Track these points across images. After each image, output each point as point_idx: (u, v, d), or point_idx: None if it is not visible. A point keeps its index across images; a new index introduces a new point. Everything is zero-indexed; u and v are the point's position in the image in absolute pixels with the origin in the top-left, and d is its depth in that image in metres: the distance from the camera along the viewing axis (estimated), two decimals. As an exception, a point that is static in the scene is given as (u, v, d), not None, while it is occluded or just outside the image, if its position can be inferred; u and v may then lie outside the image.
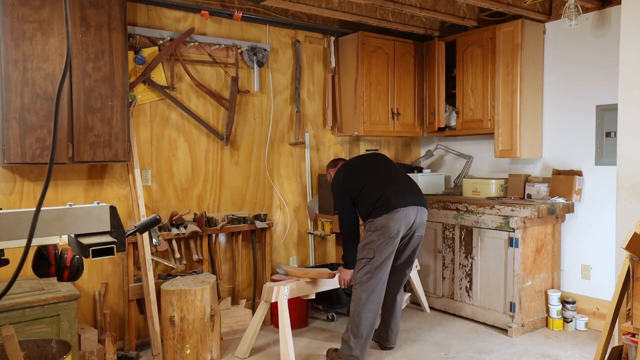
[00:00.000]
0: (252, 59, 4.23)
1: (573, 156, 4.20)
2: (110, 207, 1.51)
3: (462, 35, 4.66)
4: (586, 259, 4.12)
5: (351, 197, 3.41)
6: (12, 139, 2.96)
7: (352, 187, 3.43)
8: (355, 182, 3.43)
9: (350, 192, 3.42)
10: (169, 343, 3.30)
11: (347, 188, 3.43)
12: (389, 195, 3.31)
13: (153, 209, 3.84)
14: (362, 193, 3.37)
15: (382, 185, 3.39)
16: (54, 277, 1.52)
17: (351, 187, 3.43)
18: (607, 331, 2.47)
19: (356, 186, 3.41)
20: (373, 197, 3.32)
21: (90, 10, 3.18)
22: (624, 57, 2.85)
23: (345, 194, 3.43)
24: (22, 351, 1.91)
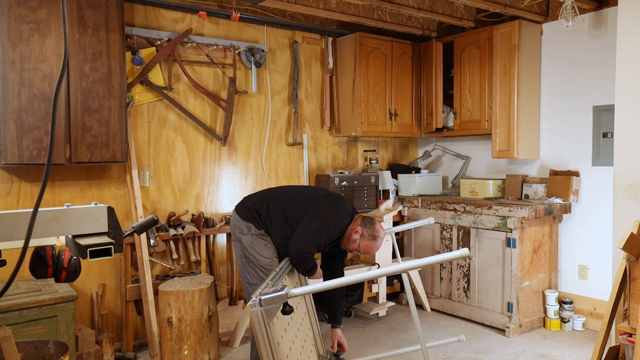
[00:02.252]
0: (249, 60, 4.23)
1: (570, 157, 4.21)
2: (108, 207, 1.50)
3: (459, 36, 4.67)
4: (583, 259, 4.13)
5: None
6: (9, 140, 2.95)
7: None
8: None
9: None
10: (166, 344, 3.30)
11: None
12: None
13: (151, 209, 3.83)
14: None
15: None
16: (51, 278, 1.51)
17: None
18: (604, 331, 2.47)
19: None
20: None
21: (88, 10, 3.18)
22: (621, 58, 2.86)
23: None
24: (20, 352, 1.91)
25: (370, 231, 2.85)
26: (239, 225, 2.92)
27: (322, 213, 2.84)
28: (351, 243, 2.85)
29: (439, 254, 4.40)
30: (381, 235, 2.88)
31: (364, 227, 2.86)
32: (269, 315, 1.96)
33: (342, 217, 2.86)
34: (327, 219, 2.83)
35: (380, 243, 2.89)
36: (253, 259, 2.86)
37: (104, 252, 1.41)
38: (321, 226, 2.80)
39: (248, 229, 2.89)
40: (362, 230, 2.84)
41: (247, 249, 2.87)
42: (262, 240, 2.88)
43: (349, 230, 2.86)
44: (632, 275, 2.34)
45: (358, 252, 2.87)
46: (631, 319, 2.35)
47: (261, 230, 2.89)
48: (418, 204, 4.59)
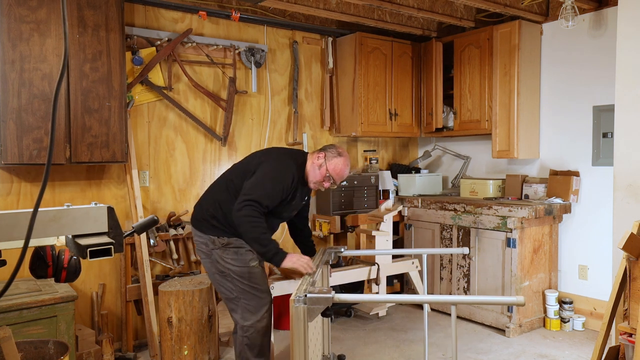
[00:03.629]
0: (249, 60, 4.23)
1: (570, 157, 4.21)
2: (108, 207, 1.51)
3: (459, 36, 4.67)
4: (583, 259, 4.13)
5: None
6: (9, 140, 2.95)
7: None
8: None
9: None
10: (166, 344, 3.30)
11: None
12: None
13: (151, 209, 3.83)
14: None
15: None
16: (51, 278, 1.51)
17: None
18: (604, 331, 2.47)
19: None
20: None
21: (88, 10, 3.18)
22: (621, 58, 2.86)
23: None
24: (20, 352, 1.91)
25: (330, 152, 2.68)
26: (202, 240, 2.72)
27: (266, 165, 2.61)
28: (318, 172, 2.66)
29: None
30: (344, 152, 2.72)
31: (322, 150, 2.70)
32: (310, 315, 1.95)
33: (288, 164, 2.64)
34: (274, 168, 2.60)
35: (348, 161, 2.71)
36: (228, 272, 2.66)
37: (104, 252, 1.41)
38: (269, 176, 2.56)
39: (213, 242, 2.67)
40: (322, 154, 2.68)
41: (220, 263, 2.67)
42: (230, 249, 2.66)
43: (309, 164, 2.69)
44: (632, 275, 2.34)
45: (332, 182, 2.68)
46: (631, 319, 2.35)
47: (225, 237, 2.66)
48: (418, 204, 4.59)
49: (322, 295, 1.92)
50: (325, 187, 2.74)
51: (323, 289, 1.98)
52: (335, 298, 1.93)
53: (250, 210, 2.47)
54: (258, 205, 2.49)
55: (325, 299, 1.92)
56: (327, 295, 1.91)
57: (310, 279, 2.29)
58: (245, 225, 2.48)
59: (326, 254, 2.88)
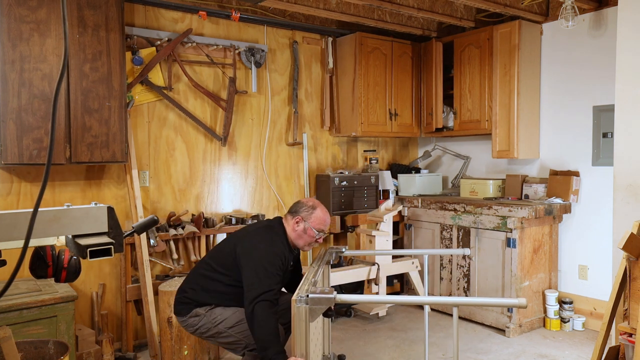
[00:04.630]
0: (249, 60, 4.23)
1: (570, 157, 4.21)
2: (108, 207, 1.51)
3: (459, 36, 4.67)
4: (583, 259, 4.13)
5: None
6: (9, 140, 2.95)
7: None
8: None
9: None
10: (166, 344, 3.30)
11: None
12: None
13: (151, 209, 3.83)
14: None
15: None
16: (51, 278, 1.51)
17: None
18: (604, 331, 2.47)
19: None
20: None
21: (88, 10, 3.18)
22: (621, 58, 2.86)
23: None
24: (20, 352, 1.91)
25: (303, 211, 2.65)
26: (188, 322, 2.62)
27: (254, 251, 2.53)
28: (306, 236, 2.64)
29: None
30: (315, 202, 2.69)
31: (295, 214, 2.66)
32: (312, 315, 1.95)
33: (272, 236, 2.61)
34: (266, 249, 2.53)
35: (323, 207, 2.69)
36: (221, 329, 2.57)
37: (104, 252, 1.41)
38: (264, 260, 2.49)
39: (197, 315, 2.60)
40: (298, 217, 2.64)
41: (212, 327, 2.58)
42: (217, 309, 2.59)
43: (290, 232, 2.65)
44: (632, 275, 2.34)
45: (322, 234, 2.66)
46: (631, 319, 2.35)
47: (211, 305, 2.60)
48: (418, 204, 4.59)
49: (324, 295, 1.91)
50: (320, 242, 2.73)
51: (325, 289, 1.98)
52: (337, 298, 1.92)
53: (262, 307, 2.37)
54: (269, 295, 2.40)
55: (327, 299, 1.92)
56: (329, 296, 1.91)
57: (313, 278, 2.28)
58: (258, 331, 2.36)
59: (327, 254, 2.87)
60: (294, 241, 2.67)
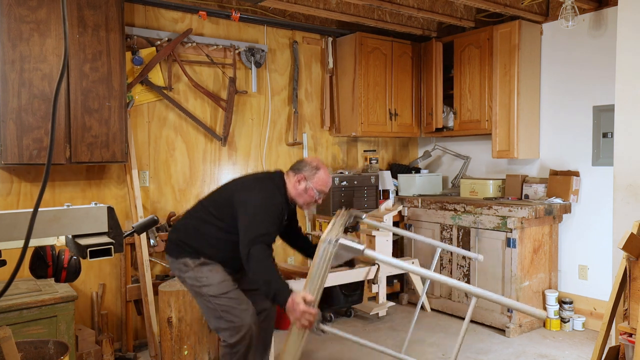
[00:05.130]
0: (249, 60, 4.23)
1: (570, 157, 4.21)
2: (108, 207, 1.51)
3: (459, 36, 4.67)
4: (583, 259, 4.13)
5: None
6: (9, 140, 2.95)
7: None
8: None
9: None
10: (166, 344, 3.30)
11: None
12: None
13: (151, 209, 3.83)
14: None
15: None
16: (51, 278, 1.51)
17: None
18: (604, 331, 2.47)
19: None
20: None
21: (88, 10, 3.18)
22: (621, 58, 2.86)
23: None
24: (20, 352, 1.91)
25: (307, 170, 2.62)
26: (176, 266, 2.63)
27: (253, 197, 2.51)
28: (306, 195, 2.61)
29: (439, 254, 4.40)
30: (319, 163, 2.66)
31: (298, 172, 2.63)
32: (337, 259, 1.91)
33: (272, 188, 2.59)
34: (264, 197, 2.51)
35: (327, 169, 2.67)
36: (205, 293, 2.55)
37: (104, 252, 1.41)
38: (262, 207, 2.46)
39: (186, 265, 2.59)
40: (300, 176, 2.61)
41: (195, 285, 2.57)
42: (205, 267, 2.57)
43: (291, 189, 2.62)
44: (632, 275, 2.34)
45: (322, 195, 2.64)
46: (631, 319, 2.35)
47: (200, 258, 2.58)
48: (418, 204, 4.59)
49: (355, 245, 1.87)
50: (319, 203, 2.71)
51: (357, 241, 1.93)
52: (365, 252, 1.88)
53: (258, 250, 2.34)
54: (266, 238, 2.38)
55: (356, 249, 1.87)
56: (359, 247, 1.87)
57: (341, 227, 2.15)
58: (256, 269, 2.33)
59: (347, 215, 2.67)
60: (294, 198, 2.64)
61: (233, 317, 2.53)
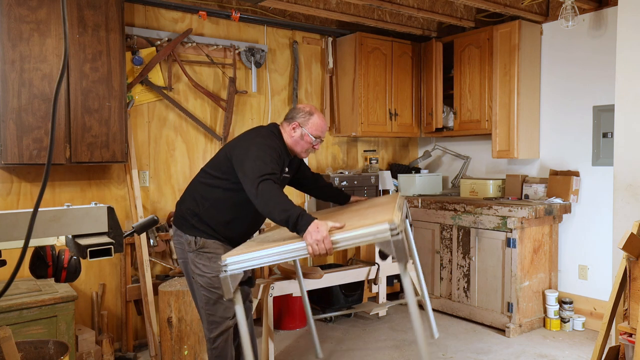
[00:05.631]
0: (249, 60, 4.23)
1: (570, 157, 4.21)
2: (108, 207, 1.51)
3: (459, 36, 4.67)
4: (583, 259, 4.13)
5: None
6: (9, 140, 2.95)
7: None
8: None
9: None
10: (166, 344, 3.30)
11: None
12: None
13: (151, 209, 3.83)
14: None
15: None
16: (51, 278, 1.51)
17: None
18: (604, 331, 2.48)
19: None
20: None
21: (88, 10, 3.18)
22: (621, 58, 2.86)
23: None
24: (20, 352, 1.91)
25: (300, 117, 2.57)
26: (180, 240, 2.58)
27: (251, 142, 2.46)
28: (303, 142, 2.57)
29: (439, 254, 4.41)
30: (312, 108, 2.61)
31: (291, 120, 2.58)
32: (383, 246, 1.89)
33: (268, 133, 2.55)
34: (258, 142, 2.44)
35: (320, 113, 2.63)
36: (196, 279, 2.53)
37: (104, 252, 1.41)
38: (261, 148, 2.39)
39: (189, 244, 2.53)
40: (295, 123, 2.57)
41: (191, 267, 2.55)
42: (204, 254, 2.52)
43: (287, 138, 2.58)
44: (632, 275, 2.34)
45: (319, 140, 2.60)
46: (631, 319, 2.35)
47: (202, 238, 2.51)
48: (418, 204, 4.59)
49: (404, 248, 1.86)
50: (317, 149, 2.68)
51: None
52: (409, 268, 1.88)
53: (268, 184, 2.21)
54: (272, 177, 2.26)
55: (403, 252, 1.87)
56: (405, 257, 1.89)
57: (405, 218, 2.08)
58: (270, 199, 2.18)
59: (404, 205, 2.58)
60: (292, 147, 2.60)
61: (215, 311, 2.51)
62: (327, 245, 1.98)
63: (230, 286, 2.04)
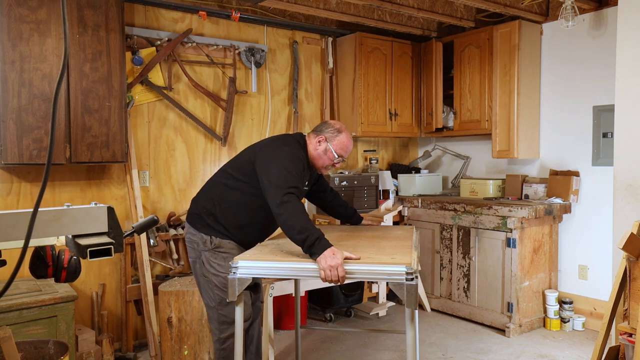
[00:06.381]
0: (249, 60, 4.23)
1: (570, 157, 4.21)
2: (108, 207, 1.51)
3: (459, 36, 4.67)
4: (583, 259, 4.13)
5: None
6: (9, 140, 2.95)
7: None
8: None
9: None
10: (166, 344, 3.30)
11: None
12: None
13: (151, 209, 3.83)
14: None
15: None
16: (51, 278, 1.51)
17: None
18: (604, 331, 2.47)
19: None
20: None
21: (88, 10, 3.18)
22: (621, 58, 2.85)
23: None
24: (20, 352, 1.91)
25: (329, 132, 2.55)
26: (194, 239, 2.53)
27: (277, 151, 2.41)
28: (325, 157, 2.54)
29: (439, 254, 4.41)
30: (342, 126, 2.58)
31: (319, 133, 2.55)
32: (396, 288, 1.93)
33: (295, 142, 2.52)
34: (285, 151, 2.41)
35: (349, 133, 2.61)
36: (210, 279, 2.49)
37: (104, 252, 1.41)
38: (287, 159, 2.35)
39: (204, 243, 2.49)
40: (321, 137, 2.54)
41: (205, 267, 2.49)
42: (220, 254, 2.48)
43: (312, 151, 2.55)
44: (632, 275, 2.34)
45: (341, 159, 2.58)
46: (631, 319, 2.35)
47: (218, 238, 2.48)
48: (418, 204, 4.59)
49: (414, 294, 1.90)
50: (337, 167, 2.65)
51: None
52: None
53: (292, 198, 2.19)
54: (296, 191, 2.23)
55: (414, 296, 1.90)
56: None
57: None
58: (291, 215, 2.15)
59: (416, 239, 2.63)
60: (312, 160, 2.57)
61: (228, 311, 2.48)
62: (341, 273, 1.98)
63: (236, 289, 2.04)
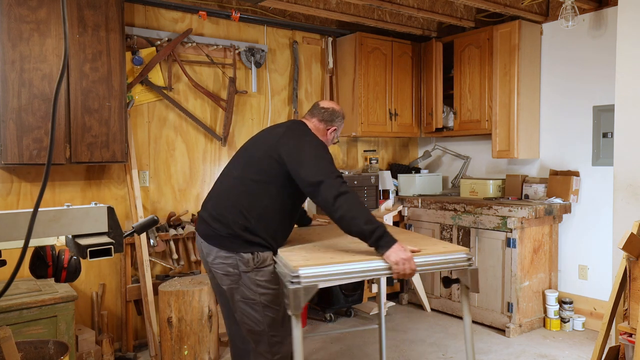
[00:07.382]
0: (249, 60, 4.23)
1: (570, 157, 4.21)
2: (108, 207, 1.51)
3: (459, 36, 4.67)
4: (583, 259, 4.13)
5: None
6: (9, 140, 2.95)
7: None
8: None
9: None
10: (166, 344, 3.30)
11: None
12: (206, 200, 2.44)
13: (151, 209, 3.83)
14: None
15: (219, 178, 2.46)
16: (51, 278, 1.52)
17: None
18: (604, 331, 2.48)
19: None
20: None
21: (88, 10, 3.18)
22: (621, 58, 2.86)
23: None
24: (20, 352, 1.91)
25: (338, 121, 2.42)
26: (228, 262, 2.20)
27: (303, 141, 2.22)
28: (329, 143, 2.44)
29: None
30: (341, 109, 2.46)
31: (330, 123, 2.41)
32: (445, 283, 2.01)
33: (308, 130, 2.35)
34: (313, 141, 2.24)
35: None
36: (258, 300, 2.19)
37: (104, 252, 1.42)
38: (319, 148, 2.19)
39: (246, 263, 2.17)
40: (333, 127, 2.42)
41: (251, 289, 2.19)
42: (266, 270, 2.21)
43: (321, 137, 2.36)
44: (632, 275, 2.34)
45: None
46: (631, 319, 2.35)
47: (261, 252, 2.20)
48: (418, 204, 4.59)
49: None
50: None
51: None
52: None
53: (348, 189, 2.02)
54: (340, 178, 2.06)
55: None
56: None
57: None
58: (349, 209, 1.97)
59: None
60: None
61: (282, 331, 2.23)
62: (413, 266, 1.90)
63: (302, 299, 1.84)
